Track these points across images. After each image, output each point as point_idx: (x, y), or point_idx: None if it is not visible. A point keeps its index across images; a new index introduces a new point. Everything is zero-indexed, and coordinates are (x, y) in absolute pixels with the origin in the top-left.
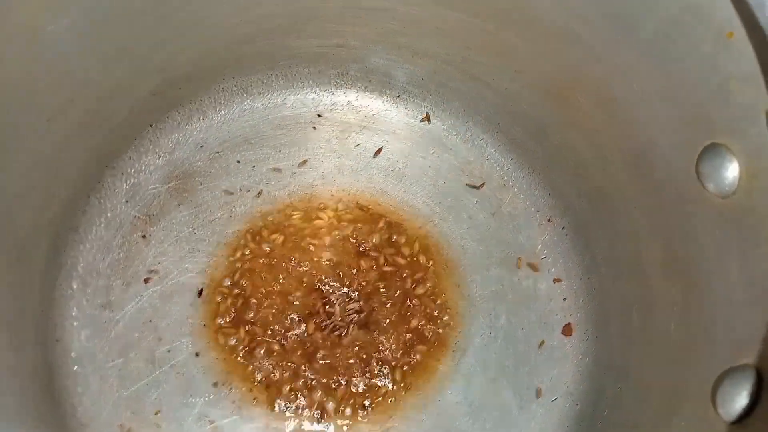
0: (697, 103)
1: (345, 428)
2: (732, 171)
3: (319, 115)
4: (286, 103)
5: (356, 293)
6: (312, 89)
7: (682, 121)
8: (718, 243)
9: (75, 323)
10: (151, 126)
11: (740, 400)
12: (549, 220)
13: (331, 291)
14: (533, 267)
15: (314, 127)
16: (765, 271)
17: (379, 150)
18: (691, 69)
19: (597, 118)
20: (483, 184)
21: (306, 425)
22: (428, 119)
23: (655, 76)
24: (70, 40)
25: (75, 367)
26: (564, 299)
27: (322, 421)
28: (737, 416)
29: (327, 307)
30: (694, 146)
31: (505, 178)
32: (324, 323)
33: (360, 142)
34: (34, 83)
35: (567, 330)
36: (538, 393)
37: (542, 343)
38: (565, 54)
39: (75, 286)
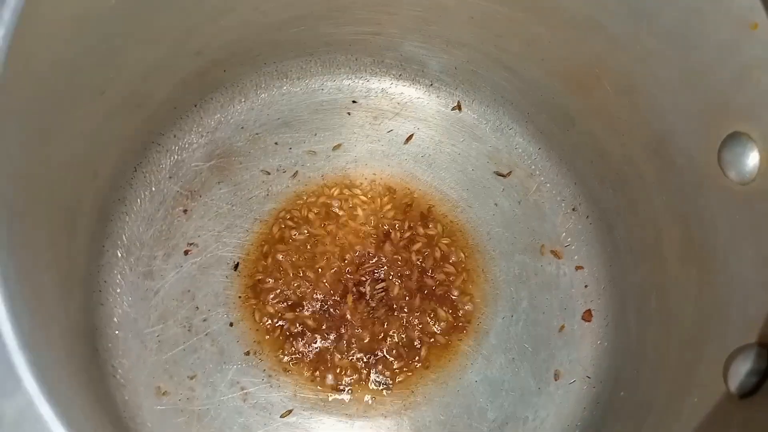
0: (716, 91)
1: (369, 401)
2: (753, 159)
3: (354, 101)
4: (323, 89)
5: (384, 273)
6: (348, 76)
7: (703, 109)
8: (734, 227)
9: (118, 290)
10: (195, 106)
11: (751, 376)
12: (574, 209)
13: (359, 270)
14: (557, 254)
15: (349, 113)
16: None
17: (411, 136)
18: (710, 56)
19: (620, 106)
20: (510, 172)
21: (331, 396)
22: (459, 108)
23: (675, 64)
24: (112, 22)
25: (117, 332)
26: (585, 286)
27: (347, 393)
28: (747, 391)
29: (356, 285)
30: (715, 134)
31: (533, 167)
32: (352, 301)
33: (392, 129)
34: (81, 62)
35: (587, 315)
36: (557, 375)
37: (562, 327)
38: (588, 43)
39: (119, 255)
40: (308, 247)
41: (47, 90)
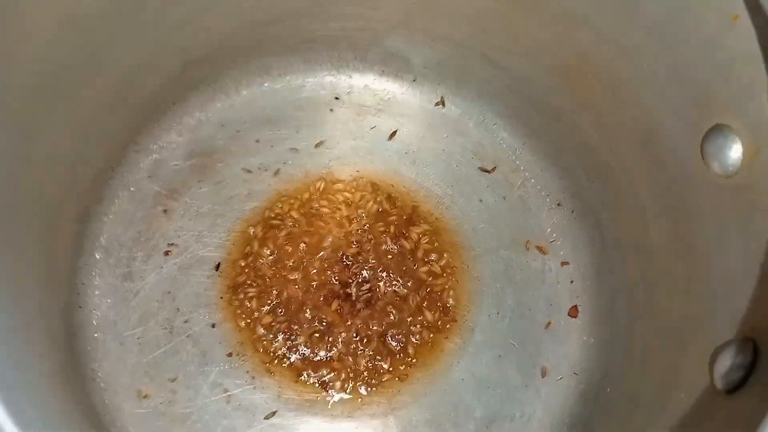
0: (701, 84)
1: (355, 401)
2: (735, 151)
3: (336, 98)
4: (305, 86)
5: (369, 272)
6: (330, 72)
7: (687, 102)
8: (719, 220)
9: (97, 292)
10: (174, 104)
11: (737, 370)
12: (559, 204)
13: (344, 269)
14: (542, 250)
15: (331, 109)
16: (762, 244)
17: (394, 133)
18: (695, 50)
19: (605, 100)
20: (495, 167)
21: (317, 397)
22: (443, 103)
23: (660, 57)
24: (96, 19)
25: (96, 334)
26: (571, 281)
27: (332, 392)
28: (733, 386)
29: (341, 285)
30: (699, 127)
31: (517, 162)
32: (337, 301)
33: (376, 125)
34: (64, 61)
35: (573, 311)
36: (544, 372)
37: (549, 323)
38: (574, 37)
39: (98, 256)
40: (291, 246)
41: (29, 89)
